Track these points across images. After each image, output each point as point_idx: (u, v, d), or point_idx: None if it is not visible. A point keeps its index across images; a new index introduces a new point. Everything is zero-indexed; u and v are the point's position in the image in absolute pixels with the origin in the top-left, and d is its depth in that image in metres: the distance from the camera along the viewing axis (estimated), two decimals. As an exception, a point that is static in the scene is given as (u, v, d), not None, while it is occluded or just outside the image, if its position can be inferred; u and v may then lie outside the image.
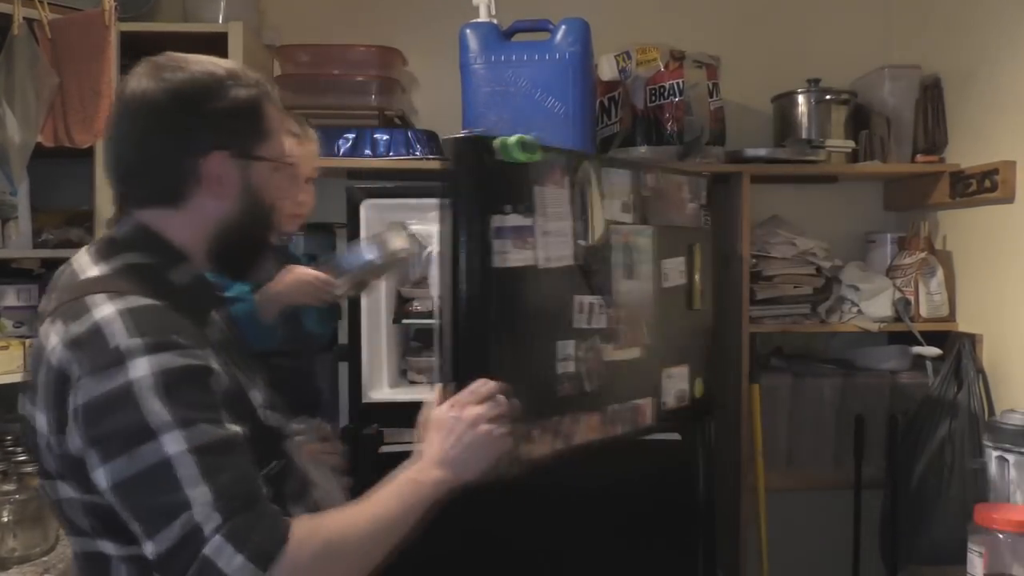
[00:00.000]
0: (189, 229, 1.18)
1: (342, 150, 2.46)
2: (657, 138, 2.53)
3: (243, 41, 2.38)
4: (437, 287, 1.48)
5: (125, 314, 1.04)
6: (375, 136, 2.47)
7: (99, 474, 1.01)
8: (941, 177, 2.58)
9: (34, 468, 1.16)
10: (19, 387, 1.16)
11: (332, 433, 1.75)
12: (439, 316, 1.44)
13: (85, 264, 1.15)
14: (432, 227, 1.64)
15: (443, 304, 1.42)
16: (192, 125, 1.15)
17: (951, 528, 2.21)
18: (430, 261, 2.01)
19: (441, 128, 2.54)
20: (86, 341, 1.03)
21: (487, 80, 2.17)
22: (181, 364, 1.03)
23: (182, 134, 1.15)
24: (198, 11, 2.55)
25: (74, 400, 1.02)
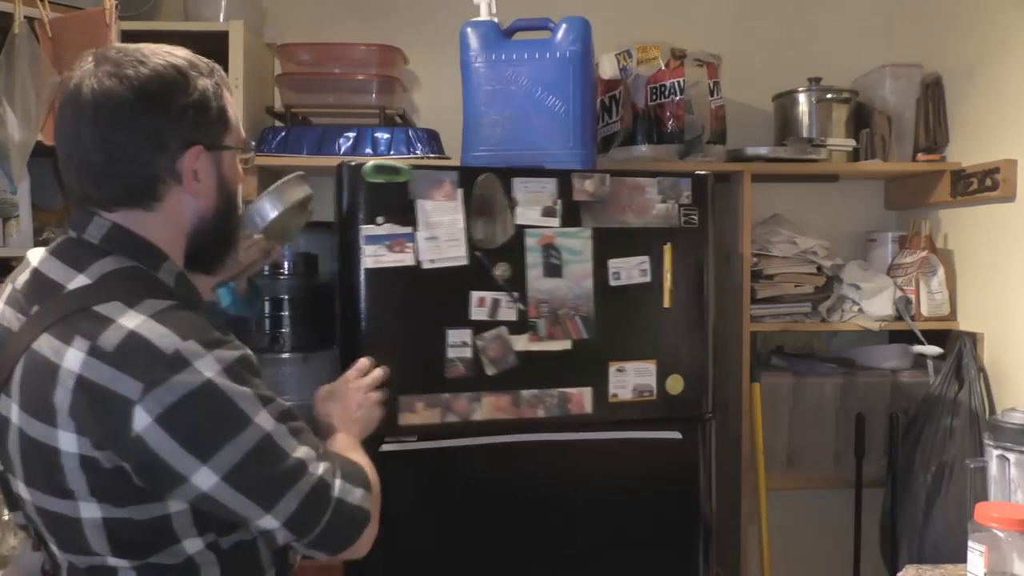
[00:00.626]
0: (166, 228, 1.15)
1: (343, 149, 2.47)
2: (658, 137, 2.53)
3: (244, 39, 2.39)
4: None
5: (159, 319, 1.04)
6: (376, 135, 2.47)
7: (200, 476, 1.03)
8: (942, 176, 2.58)
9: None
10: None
11: None
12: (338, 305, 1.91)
13: (57, 269, 1.10)
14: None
15: (338, 297, 1.89)
16: (165, 124, 1.11)
17: (952, 527, 2.22)
18: None
19: (442, 127, 2.54)
20: (131, 352, 1.01)
21: (488, 79, 2.16)
22: (234, 354, 1.07)
23: (155, 134, 1.10)
24: (199, 9, 2.55)
25: (142, 415, 1.00)
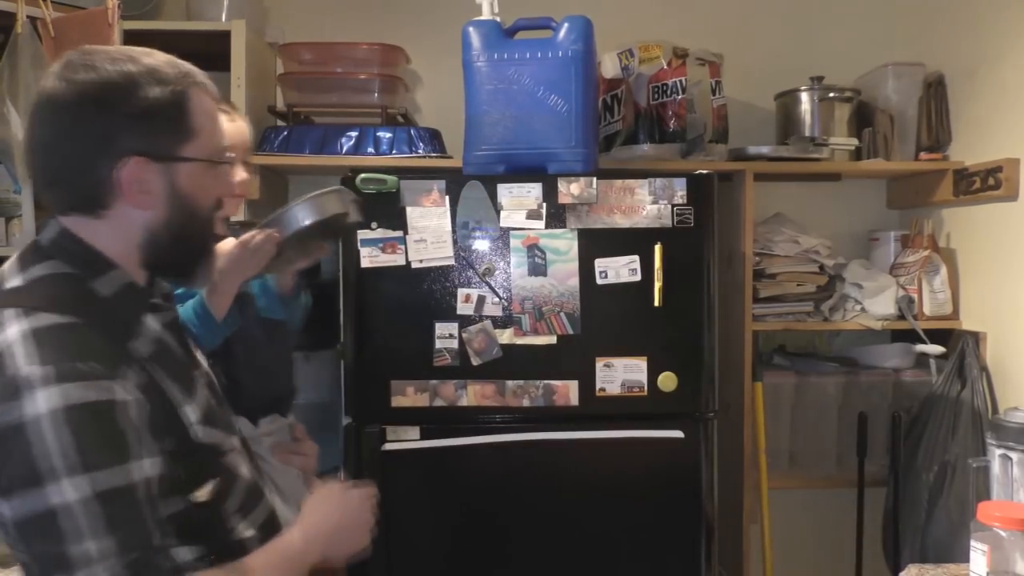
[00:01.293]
0: (115, 237, 1.11)
1: (345, 148, 2.47)
2: (660, 136, 2.53)
3: (246, 39, 2.39)
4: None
5: (29, 336, 0.99)
6: (378, 134, 2.48)
7: (2, 505, 0.97)
8: (945, 175, 2.58)
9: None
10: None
11: (304, 433, 1.70)
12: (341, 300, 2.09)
13: (8, 271, 1.10)
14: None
15: (340, 292, 2.08)
16: (104, 130, 1.06)
17: (954, 526, 2.22)
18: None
19: (444, 126, 2.54)
20: None
21: (490, 78, 2.16)
22: (79, 400, 0.96)
23: (94, 140, 1.06)
24: (201, 9, 2.55)
25: None
